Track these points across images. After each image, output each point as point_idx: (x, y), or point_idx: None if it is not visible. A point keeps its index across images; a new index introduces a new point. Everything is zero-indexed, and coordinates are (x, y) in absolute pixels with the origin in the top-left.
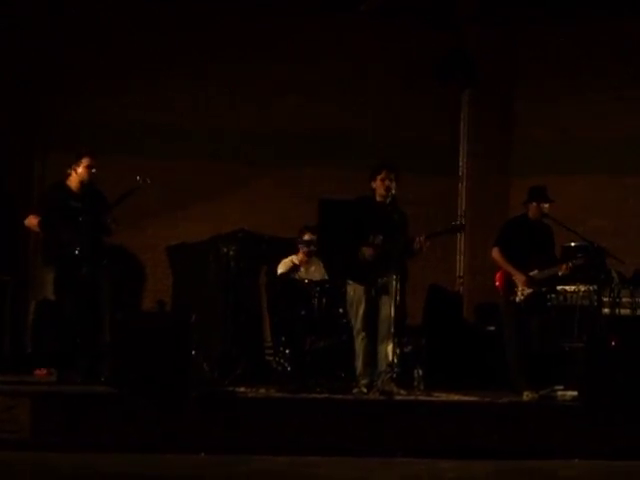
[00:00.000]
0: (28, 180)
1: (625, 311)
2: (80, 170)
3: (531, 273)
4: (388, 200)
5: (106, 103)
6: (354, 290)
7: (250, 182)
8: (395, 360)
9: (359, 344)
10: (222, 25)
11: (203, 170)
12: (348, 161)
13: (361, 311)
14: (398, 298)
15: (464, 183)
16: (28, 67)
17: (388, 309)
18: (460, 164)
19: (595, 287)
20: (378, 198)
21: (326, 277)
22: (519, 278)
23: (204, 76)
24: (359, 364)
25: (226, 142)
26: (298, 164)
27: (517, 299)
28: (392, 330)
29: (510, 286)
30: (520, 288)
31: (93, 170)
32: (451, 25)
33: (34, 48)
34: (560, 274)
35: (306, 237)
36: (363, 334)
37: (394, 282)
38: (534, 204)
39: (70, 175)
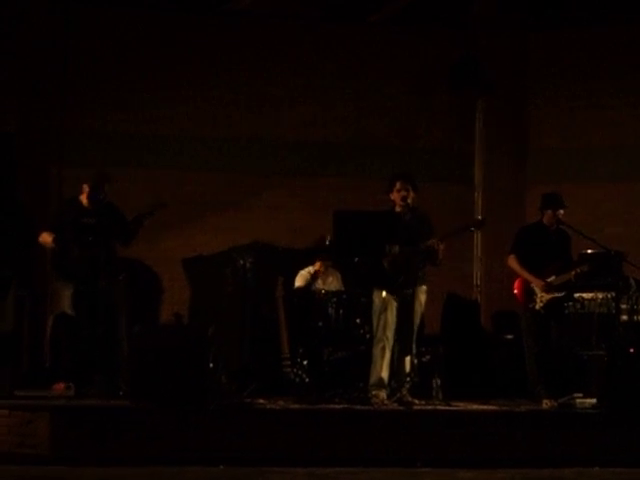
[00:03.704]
0: (44, 194)
1: None
2: (89, 191)
3: (548, 279)
4: (406, 210)
5: (121, 116)
6: (379, 298)
7: (265, 193)
8: (412, 370)
9: (377, 352)
10: (237, 35)
11: (218, 182)
12: (363, 171)
13: (383, 320)
14: (422, 309)
15: (480, 191)
16: (43, 80)
17: (412, 319)
18: (475, 172)
19: (613, 294)
20: (397, 209)
21: (343, 288)
22: (537, 284)
23: (218, 87)
24: (374, 372)
25: (240, 153)
26: (313, 174)
27: (537, 306)
28: (414, 340)
29: (529, 294)
30: (539, 295)
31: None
32: (464, 33)
33: (50, 62)
34: (572, 280)
35: (322, 247)
36: (383, 343)
37: (420, 293)
38: (549, 211)
39: (83, 192)
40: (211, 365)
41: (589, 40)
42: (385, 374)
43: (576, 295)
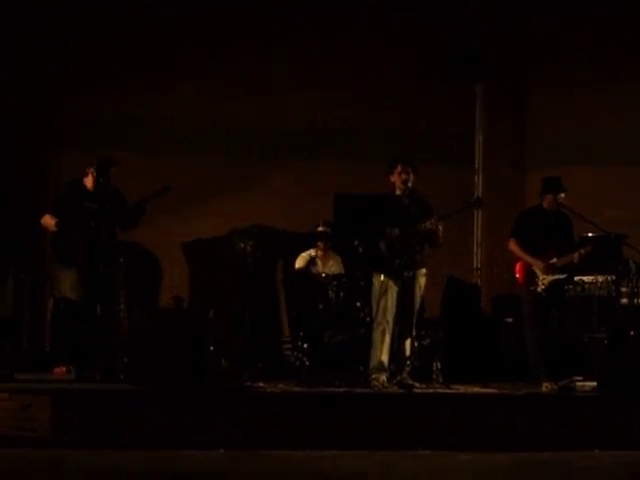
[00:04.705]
0: (43, 178)
1: None
2: (96, 174)
3: (550, 261)
4: (406, 193)
5: (121, 102)
6: (379, 282)
7: (265, 178)
8: (412, 353)
9: (377, 336)
10: (237, 21)
11: (218, 166)
12: (363, 156)
13: (383, 303)
14: (422, 292)
15: (480, 175)
16: (42, 66)
17: (412, 303)
18: (475, 156)
19: (613, 277)
20: (397, 192)
21: (343, 271)
22: (538, 265)
23: (219, 73)
24: (374, 356)
25: (240, 138)
26: (313, 159)
27: (538, 289)
28: (413, 324)
29: (531, 277)
30: (541, 277)
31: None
32: (464, 17)
33: (49, 48)
34: (575, 262)
35: (320, 229)
36: (383, 327)
37: (419, 276)
38: (550, 195)
39: (87, 175)
40: (211, 348)
41: (589, 26)
42: (385, 357)
43: (576, 278)
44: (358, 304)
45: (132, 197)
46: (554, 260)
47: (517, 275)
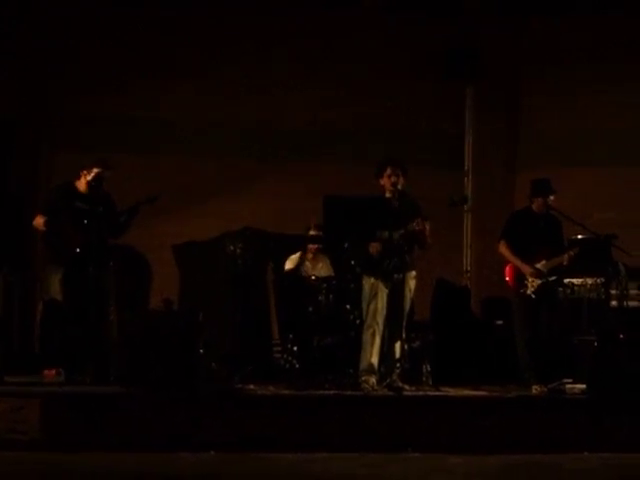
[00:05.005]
0: (34, 180)
1: (633, 303)
2: (89, 178)
3: (538, 265)
4: (396, 195)
5: (114, 102)
6: (369, 284)
7: (258, 179)
8: (402, 356)
9: (367, 338)
10: (237, 21)
11: (211, 168)
12: (363, 156)
13: (373, 306)
14: (412, 295)
15: (470, 177)
16: (42, 66)
17: (402, 305)
18: (466, 158)
19: (602, 280)
20: (387, 194)
21: (333, 274)
22: (526, 270)
23: (214, 74)
24: (364, 358)
25: (234, 139)
26: (307, 160)
27: (528, 291)
28: (403, 326)
29: (520, 279)
30: (530, 280)
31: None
32: (457, 18)
33: (49, 48)
34: (565, 264)
35: (312, 232)
36: (373, 329)
37: (409, 278)
38: (540, 199)
39: (80, 177)
40: (201, 351)
41: (589, 26)
42: (375, 360)
43: (566, 281)
44: (348, 306)
45: (131, 197)
46: (542, 263)
47: (507, 277)
